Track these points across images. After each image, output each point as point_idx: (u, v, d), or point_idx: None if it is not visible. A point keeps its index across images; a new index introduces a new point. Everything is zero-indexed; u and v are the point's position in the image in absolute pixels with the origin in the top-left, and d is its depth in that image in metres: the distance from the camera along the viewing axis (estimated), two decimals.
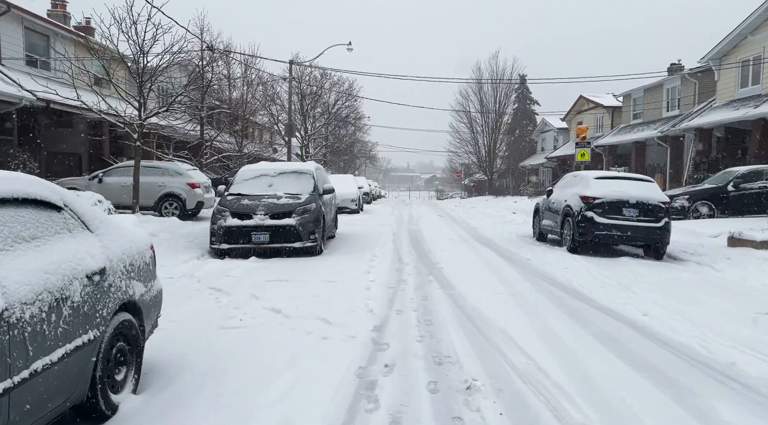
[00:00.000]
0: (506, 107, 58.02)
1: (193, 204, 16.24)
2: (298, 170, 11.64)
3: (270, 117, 34.93)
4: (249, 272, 8.24)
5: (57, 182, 16.49)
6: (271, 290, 7.01)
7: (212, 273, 8.15)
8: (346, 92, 39.81)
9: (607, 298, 6.91)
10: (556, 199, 12.34)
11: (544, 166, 50.88)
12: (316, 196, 10.96)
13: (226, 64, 23.99)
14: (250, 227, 9.89)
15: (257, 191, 10.88)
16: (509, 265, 9.44)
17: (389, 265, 9.20)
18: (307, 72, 36.52)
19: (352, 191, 22.19)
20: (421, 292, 7.12)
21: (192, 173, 16.77)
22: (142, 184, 15.62)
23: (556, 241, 12.71)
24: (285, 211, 10.12)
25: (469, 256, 10.43)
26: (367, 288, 7.20)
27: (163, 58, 14.51)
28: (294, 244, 9.99)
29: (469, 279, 7.98)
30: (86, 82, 14.36)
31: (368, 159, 70.83)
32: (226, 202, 10.46)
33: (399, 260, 9.85)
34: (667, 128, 27.40)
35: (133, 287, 3.61)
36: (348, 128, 49.52)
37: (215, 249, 10.04)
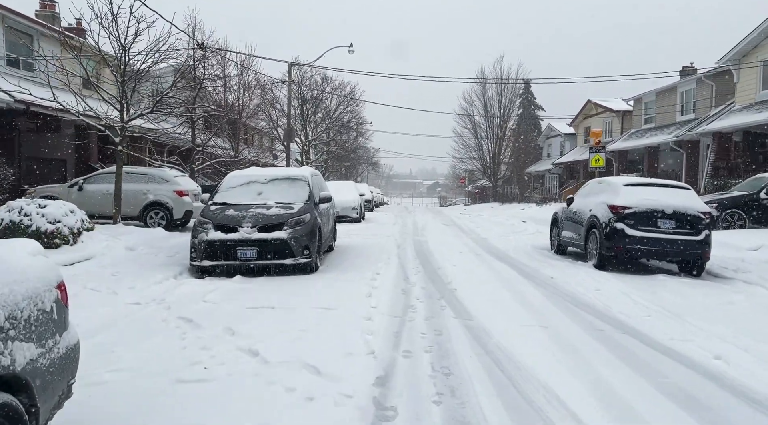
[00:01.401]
0: (511, 112, 56.90)
1: (181, 213, 15.05)
2: (292, 177, 10.43)
3: (269, 122, 33.83)
4: (229, 296, 7.02)
5: (32, 189, 15.34)
6: (252, 321, 5.79)
7: (186, 297, 6.93)
8: (347, 97, 38.65)
9: (659, 331, 5.67)
10: (578, 208, 11.12)
11: (551, 172, 49.68)
12: (312, 205, 9.75)
13: (221, 65, 22.87)
14: (236, 241, 8.68)
15: (245, 200, 9.68)
16: (531, 285, 8.21)
17: (394, 285, 7.98)
18: (308, 76, 35.51)
19: (352, 198, 20.98)
20: (433, 323, 5.89)
21: (180, 180, 15.58)
22: (126, 192, 14.45)
23: (579, 255, 11.48)
24: (275, 223, 8.92)
25: (484, 273, 9.20)
26: (367, 318, 5.98)
27: (148, 57, 13.36)
28: (285, 260, 8.77)
29: (488, 305, 6.75)
30: (64, 82, 13.19)
31: (370, 165, 69.75)
32: (209, 213, 9.26)
33: (405, 278, 8.62)
34: (682, 133, 26.18)
35: (12, 352, 2.40)
36: (350, 133, 48.46)
37: (196, 266, 8.83)
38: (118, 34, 12.60)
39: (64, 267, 8.47)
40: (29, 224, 9.85)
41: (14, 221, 9.88)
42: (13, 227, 9.84)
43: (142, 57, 13.25)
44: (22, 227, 9.82)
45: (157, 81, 16.10)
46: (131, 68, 13.37)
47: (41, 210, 10.06)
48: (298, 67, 31.88)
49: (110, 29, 12.63)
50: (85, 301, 6.49)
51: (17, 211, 10.01)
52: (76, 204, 14.82)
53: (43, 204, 10.21)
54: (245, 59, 25.09)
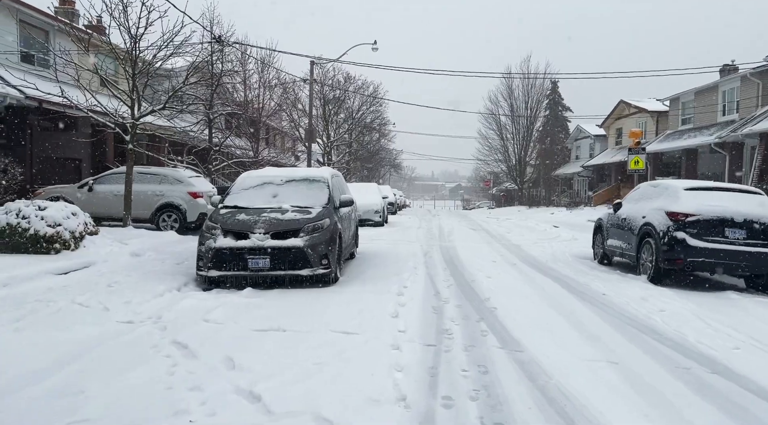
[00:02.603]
0: (538, 113, 55.38)
1: (195, 216, 14.25)
2: (310, 177, 9.49)
3: (290, 122, 33.09)
4: (235, 314, 6.08)
5: (41, 190, 14.70)
6: (258, 349, 4.84)
7: (187, 315, 6.01)
8: (371, 96, 37.76)
9: (760, 371, 4.56)
10: (628, 214, 9.96)
11: (580, 175, 48.07)
12: (331, 209, 8.79)
13: (240, 62, 22.13)
14: (246, 249, 7.75)
15: (258, 202, 8.76)
16: (582, 304, 7.12)
17: (423, 302, 6.96)
18: (330, 75, 34.72)
19: (376, 201, 20.00)
20: (475, 356, 4.86)
21: (194, 181, 14.79)
22: (138, 193, 13.71)
23: (628, 266, 10.34)
24: (290, 229, 7.97)
25: (525, 288, 8.13)
26: (395, 346, 4.98)
27: (160, 50, 12.58)
28: (301, 271, 7.82)
29: (537, 330, 5.70)
30: (73, 77, 12.49)
31: (393, 167, 68.76)
32: (218, 217, 8.36)
33: (436, 293, 7.60)
34: (725, 134, 24.63)
35: None
36: (372, 134, 47.55)
37: (202, 277, 7.93)
38: (128, 24, 11.85)
39: (57, 277, 7.65)
40: (27, 228, 9.09)
41: (11, 223, 9.13)
42: (9, 231, 9.08)
43: (154, 50, 12.49)
44: (19, 231, 9.07)
45: (173, 77, 15.36)
46: (142, 61, 12.61)
47: (40, 212, 9.29)
48: (320, 65, 31.09)
49: (120, 20, 11.89)
50: (68, 319, 5.62)
51: (15, 213, 9.26)
52: (85, 206, 14.15)
53: (43, 206, 9.45)
54: (266, 56, 24.34)
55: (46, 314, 5.72)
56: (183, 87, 13.52)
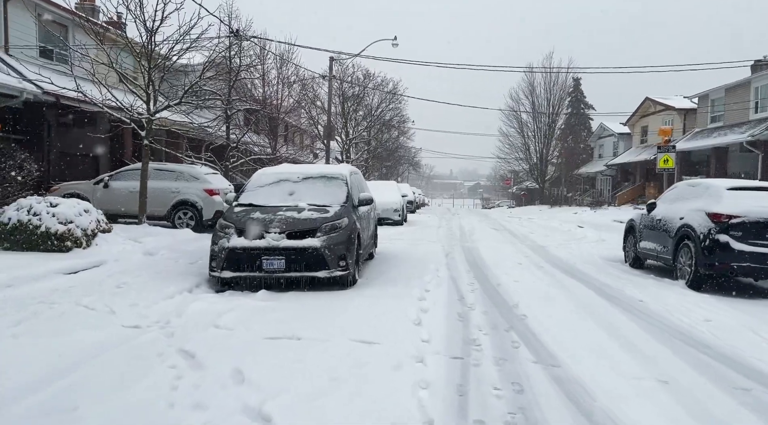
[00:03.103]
0: (560, 111, 54.41)
1: (211, 214, 13.98)
2: (328, 175, 9.10)
3: (309, 119, 32.81)
4: (248, 319, 5.71)
5: (57, 186, 14.55)
6: (270, 360, 4.45)
7: (196, 320, 5.66)
8: (390, 93, 37.33)
9: None
10: (664, 215, 9.40)
11: (603, 174, 47.08)
12: (350, 208, 8.39)
13: (259, 58, 21.84)
14: (261, 249, 7.39)
15: (274, 200, 8.39)
16: (619, 311, 6.61)
17: (447, 308, 6.52)
18: (350, 72, 34.36)
19: (395, 199, 19.57)
20: (508, 371, 4.41)
21: (211, 178, 14.53)
22: (154, 189, 13.48)
23: (662, 269, 9.78)
24: (307, 228, 7.59)
25: (555, 293, 7.64)
26: (419, 359, 4.56)
27: (176, 42, 12.30)
28: (318, 273, 7.43)
29: (573, 342, 5.23)
30: (89, 71, 12.28)
31: (411, 165, 68.24)
32: (232, 215, 8.01)
33: (460, 298, 7.15)
34: (758, 132, 23.71)
35: None
36: (391, 132, 47.10)
37: (215, 278, 7.60)
38: (144, 17, 11.59)
39: (65, 276, 7.37)
40: (38, 225, 8.85)
41: (22, 221, 8.90)
42: (20, 228, 8.85)
43: (170, 44, 12.20)
44: (30, 228, 8.83)
45: (190, 73, 15.08)
46: (158, 55, 12.34)
47: (52, 209, 9.05)
48: (339, 62, 30.74)
49: (136, 12, 11.63)
50: (71, 323, 5.30)
51: (26, 210, 9.03)
52: (101, 202, 14.01)
53: (55, 203, 9.20)
54: (284, 52, 24.05)
55: (48, 317, 5.40)
56: (199, 81, 13.23)
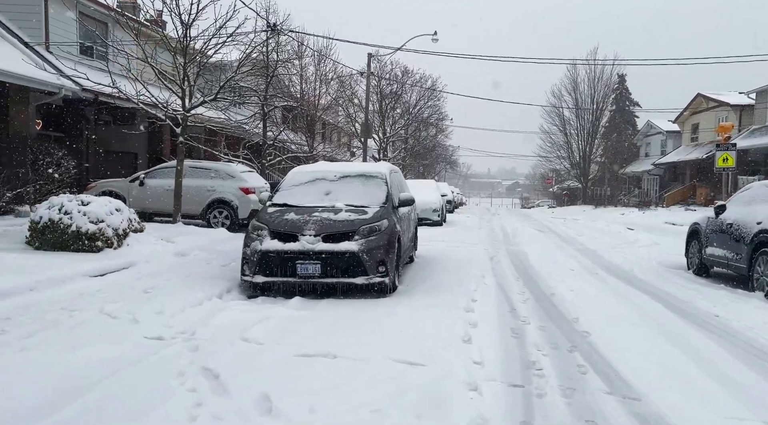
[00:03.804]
0: (604, 108, 52.60)
1: (247, 213, 13.64)
2: (366, 173, 8.55)
3: (346, 117, 32.43)
4: (279, 332, 5.21)
5: (94, 183, 14.47)
6: (301, 384, 3.92)
7: (224, 332, 5.18)
8: (430, 89, 36.64)
9: None
10: (736, 219, 8.50)
11: (650, 173, 45.24)
12: (390, 209, 7.82)
13: (297, 54, 21.51)
14: (295, 253, 6.89)
15: (309, 200, 7.89)
16: (694, 328, 5.84)
17: (498, 322, 5.88)
18: (388, 69, 33.81)
19: (434, 199, 18.91)
20: (578, 404, 3.76)
21: (246, 176, 14.20)
22: (189, 188, 13.23)
23: (733, 279, 8.88)
24: (344, 231, 7.06)
25: (617, 305, 6.89)
26: (471, 386, 3.95)
27: (213, 38, 11.97)
28: (355, 279, 6.89)
29: (651, 367, 4.52)
30: (124, 66, 12.08)
31: (449, 164, 67.29)
32: (265, 216, 7.54)
33: (511, 310, 6.50)
34: None
35: None
36: (429, 129, 46.36)
37: (247, 283, 7.15)
38: (179, 10, 11.29)
39: (92, 279, 7.03)
40: (69, 224, 8.58)
41: (53, 219, 8.65)
42: (51, 227, 8.60)
43: (206, 38, 11.89)
44: (61, 228, 8.57)
45: (227, 70, 14.78)
46: (193, 50, 12.04)
47: (83, 208, 8.77)
48: (377, 59, 30.22)
49: (172, 6, 11.35)
50: (89, 334, 4.89)
51: (57, 208, 8.78)
52: (136, 200, 13.87)
53: (86, 201, 8.92)
54: (322, 47, 23.66)
55: (66, 327, 5.01)
56: (235, 76, 12.88)
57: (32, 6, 15.40)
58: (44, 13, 15.51)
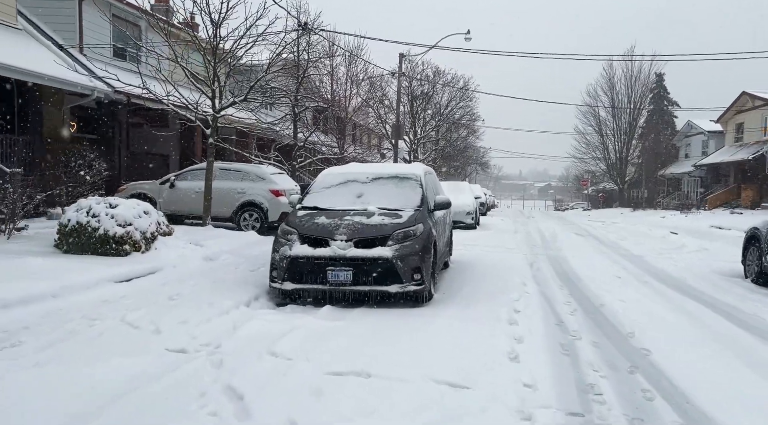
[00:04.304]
0: (641, 107, 51.11)
1: (277, 215, 13.37)
2: (400, 175, 8.13)
3: (377, 118, 32.10)
4: (309, 345, 4.84)
5: (125, 185, 14.43)
6: (331, 407, 3.54)
7: (251, 344, 4.84)
8: (462, 89, 36.06)
9: None
10: None
11: (691, 175, 43.62)
12: (425, 213, 7.39)
13: (327, 54, 21.27)
14: (325, 259, 6.53)
15: (341, 203, 7.52)
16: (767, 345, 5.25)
17: (546, 337, 5.40)
18: (419, 70, 33.36)
19: (468, 202, 18.37)
20: None
21: (276, 178, 13.95)
22: (219, 190, 13.03)
23: None
24: (377, 235, 6.66)
25: (676, 319, 6.31)
26: (524, 415, 3.51)
27: (243, 37, 11.75)
28: (389, 287, 6.48)
29: (725, 392, 3.99)
30: (155, 67, 11.95)
31: (480, 165, 66.36)
32: (294, 220, 7.20)
33: (559, 323, 6.00)
34: None
35: None
36: (460, 131, 45.71)
37: (276, 289, 6.82)
38: (209, 9, 11.10)
39: (117, 285, 6.80)
40: (96, 227, 8.40)
41: (81, 222, 8.48)
42: (79, 230, 8.44)
43: (236, 37, 11.67)
44: (89, 231, 8.39)
45: (257, 71, 14.58)
46: (223, 51, 11.84)
47: (111, 211, 8.59)
48: (408, 60, 29.80)
49: (202, 5, 11.16)
50: (109, 346, 4.60)
51: (85, 211, 8.62)
52: (167, 203, 13.74)
53: (114, 203, 8.74)
54: (354, 47, 23.39)
55: (85, 339, 4.73)
56: (265, 76, 12.64)
57: (67, 9, 15.50)
58: (78, 16, 15.59)
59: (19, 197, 9.49)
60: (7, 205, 9.36)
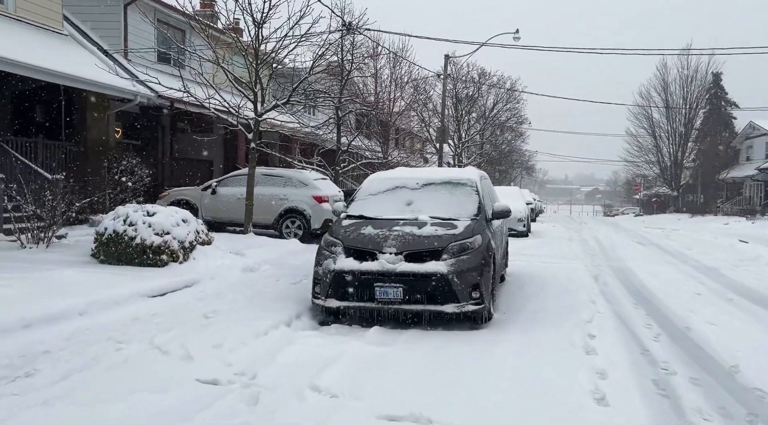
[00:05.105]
0: (698, 109, 48.69)
1: (320, 223, 12.87)
2: (454, 180, 7.42)
3: (420, 122, 31.41)
4: (357, 377, 4.21)
5: (166, 192, 14.21)
6: None
7: (291, 375, 4.25)
8: (509, 91, 35.03)
9: None
10: None
11: (753, 179, 41.06)
12: (483, 223, 6.66)
13: (372, 57, 20.75)
14: (373, 274, 5.90)
15: (389, 212, 6.86)
16: None
17: (633, 370, 4.60)
18: (464, 72, 32.51)
19: (520, 208, 17.43)
20: None
21: (320, 184, 13.44)
22: (261, 196, 12.63)
23: None
24: (430, 248, 5.98)
25: None
26: None
27: (286, 37, 11.31)
28: (444, 307, 5.80)
29: None
30: (197, 70, 11.63)
31: (525, 169, 64.69)
32: (339, 230, 6.59)
33: (643, 352, 5.17)
34: None
35: None
36: (505, 134, 44.47)
37: (319, 307, 6.22)
38: (251, 8, 10.69)
39: (150, 300, 6.34)
40: (133, 236, 8.02)
41: (117, 231, 8.12)
42: (116, 239, 8.08)
43: (278, 37, 11.24)
44: (126, 240, 8.02)
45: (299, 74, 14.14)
46: (265, 53, 11.42)
47: (148, 219, 8.20)
48: (452, 62, 29.01)
49: (244, 5, 10.77)
50: (134, 376, 4.07)
51: (122, 219, 8.26)
52: (208, 209, 13.42)
53: (152, 211, 8.35)
54: (398, 49, 22.81)
55: (107, 367, 4.23)
56: (308, 77, 12.15)
57: (112, 15, 15.47)
58: (123, 21, 15.54)
59: (58, 203, 9.26)
60: (46, 212, 9.14)
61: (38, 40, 12.62)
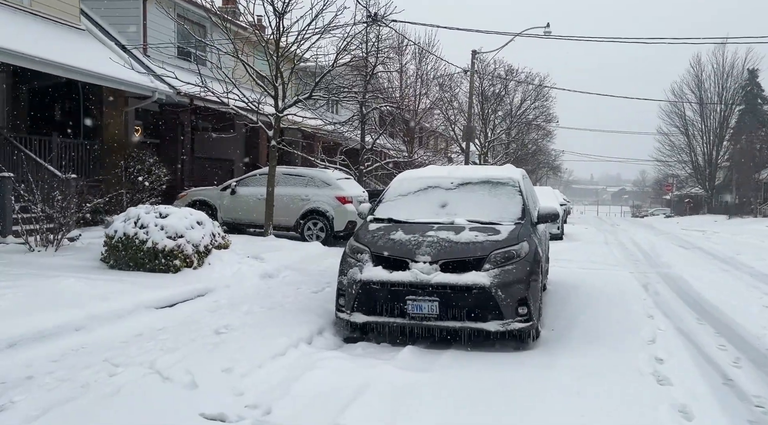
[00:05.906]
0: (734, 107, 46.91)
1: (343, 225, 12.22)
2: (494, 179, 6.66)
3: (445, 120, 30.61)
4: (389, 413, 3.52)
5: (185, 192, 13.71)
6: None
7: (309, 410, 3.59)
8: (537, 87, 34.04)
9: None
10: None
11: None
12: (529, 227, 5.90)
13: (396, 52, 20.05)
14: (405, 285, 5.20)
15: (421, 215, 6.15)
16: None
17: (721, 408, 3.82)
18: (490, 70, 31.60)
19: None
20: None
21: (343, 184, 12.78)
22: (282, 196, 12.03)
23: None
24: (470, 257, 5.26)
25: None
26: None
27: (309, 27, 10.68)
28: (486, 324, 5.06)
29: None
30: (215, 64, 11.08)
31: (551, 169, 63.23)
32: (365, 235, 5.90)
33: (725, 381, 4.38)
34: None
35: None
36: (531, 133, 43.31)
37: (344, 321, 5.55)
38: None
39: (157, 312, 5.74)
40: (144, 240, 7.46)
41: (128, 234, 7.57)
42: (126, 243, 7.53)
43: (300, 29, 10.62)
44: (136, 243, 7.46)
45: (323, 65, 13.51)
46: (286, 44, 10.81)
47: (161, 221, 7.62)
48: (479, 58, 28.14)
49: None
50: (126, 410, 3.44)
51: (133, 221, 7.70)
52: (228, 210, 12.85)
53: (165, 213, 7.78)
54: (424, 44, 22.07)
55: (95, 398, 3.60)
56: (331, 70, 11.51)
57: (131, 9, 15.06)
58: (142, 16, 15.12)
59: (68, 204, 8.76)
60: (56, 213, 8.65)
61: (55, 35, 12.23)
